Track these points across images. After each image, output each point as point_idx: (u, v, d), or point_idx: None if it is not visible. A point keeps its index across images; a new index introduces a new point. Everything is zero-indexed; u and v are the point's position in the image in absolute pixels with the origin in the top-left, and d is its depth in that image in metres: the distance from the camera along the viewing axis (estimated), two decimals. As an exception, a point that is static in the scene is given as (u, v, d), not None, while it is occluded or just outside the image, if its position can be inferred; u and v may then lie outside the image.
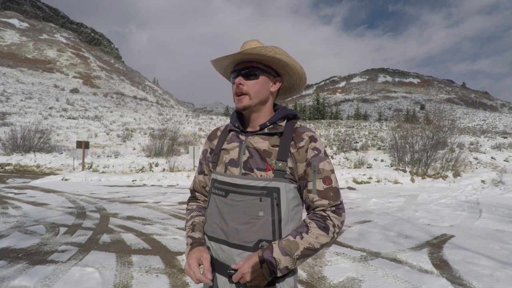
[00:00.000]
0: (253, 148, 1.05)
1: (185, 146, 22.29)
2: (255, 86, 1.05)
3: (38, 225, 4.96)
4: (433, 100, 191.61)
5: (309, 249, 0.96)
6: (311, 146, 1.03)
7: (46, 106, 38.55)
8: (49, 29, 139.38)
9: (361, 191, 9.73)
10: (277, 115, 1.09)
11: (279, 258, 0.93)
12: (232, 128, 1.13)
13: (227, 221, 1.02)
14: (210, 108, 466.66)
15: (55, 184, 10.51)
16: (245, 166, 1.03)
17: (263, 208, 0.98)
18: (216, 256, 1.06)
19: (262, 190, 0.99)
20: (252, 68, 1.05)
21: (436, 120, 13.71)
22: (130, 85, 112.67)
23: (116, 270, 3.22)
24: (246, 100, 1.05)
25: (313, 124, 44.30)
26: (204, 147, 1.25)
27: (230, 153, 1.08)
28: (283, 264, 0.93)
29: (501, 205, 7.08)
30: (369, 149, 22.75)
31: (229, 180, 1.04)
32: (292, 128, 1.07)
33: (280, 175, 0.99)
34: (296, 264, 0.96)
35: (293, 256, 0.94)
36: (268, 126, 1.07)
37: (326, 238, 0.98)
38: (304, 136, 1.05)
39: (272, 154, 1.03)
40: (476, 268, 3.35)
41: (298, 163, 1.03)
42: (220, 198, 1.05)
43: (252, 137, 1.08)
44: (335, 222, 0.99)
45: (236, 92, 1.06)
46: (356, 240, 4.44)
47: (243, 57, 1.05)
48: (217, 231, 1.05)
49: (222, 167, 1.09)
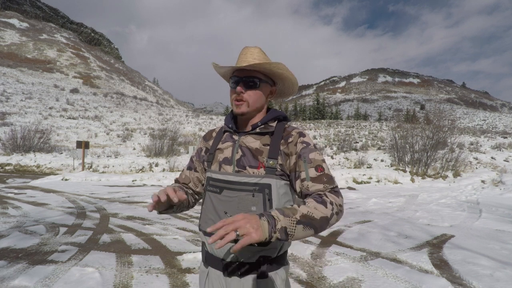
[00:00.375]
0: (245, 147, 1.11)
1: (185, 146, 22.30)
2: (254, 95, 1.11)
3: (38, 225, 4.96)
4: (433, 100, 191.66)
5: (307, 216, 0.89)
6: (300, 140, 1.09)
7: (46, 106, 38.56)
8: (49, 29, 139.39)
9: (361, 191, 9.73)
10: (268, 116, 1.16)
11: (278, 216, 0.86)
12: (226, 129, 1.20)
13: (221, 216, 1.06)
14: (210, 108, 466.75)
15: (55, 184, 10.51)
16: (238, 164, 1.09)
17: (256, 203, 1.03)
18: (211, 251, 1.10)
19: (255, 186, 1.04)
20: (254, 78, 1.10)
21: (436, 120, 13.71)
22: (130, 85, 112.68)
23: (116, 270, 3.22)
24: (244, 107, 1.11)
25: (313, 124, 44.30)
26: (199, 146, 1.30)
27: (224, 152, 1.15)
28: (282, 223, 0.85)
29: (501, 205, 7.08)
30: (369, 149, 22.74)
31: (223, 178, 1.10)
32: (282, 128, 1.14)
33: (271, 172, 1.05)
34: (295, 230, 0.87)
35: (292, 218, 0.87)
36: (259, 126, 1.13)
37: (325, 210, 0.92)
38: (292, 132, 1.11)
39: (263, 152, 1.08)
40: (476, 268, 3.35)
41: (289, 157, 1.08)
42: (215, 195, 1.11)
43: (245, 136, 1.14)
44: (332, 200, 0.96)
45: (236, 98, 1.12)
46: (356, 240, 4.44)
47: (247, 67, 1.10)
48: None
49: (216, 166, 1.14)
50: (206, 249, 1.14)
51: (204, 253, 1.16)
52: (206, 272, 1.14)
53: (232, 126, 1.18)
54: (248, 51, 1.13)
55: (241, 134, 1.15)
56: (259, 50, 1.14)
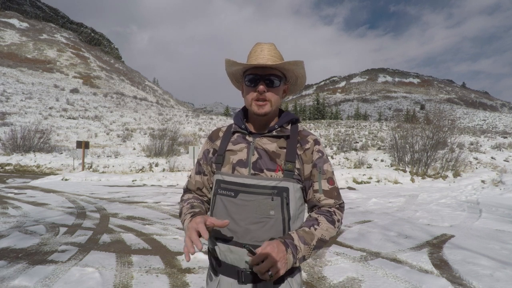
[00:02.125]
0: (262, 149, 1.08)
1: (185, 146, 22.30)
2: (277, 94, 1.09)
3: (38, 225, 4.96)
4: (433, 100, 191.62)
5: (321, 240, 1.00)
6: (316, 149, 1.10)
7: (46, 106, 38.54)
8: (49, 29, 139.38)
9: (361, 191, 9.73)
10: (284, 119, 1.14)
11: (300, 246, 0.95)
12: (238, 129, 1.15)
13: (237, 221, 1.02)
14: (210, 108, 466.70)
15: (55, 184, 10.50)
16: (254, 167, 1.05)
17: (274, 207, 1.00)
18: (223, 258, 1.05)
19: (273, 190, 1.01)
20: (276, 76, 1.07)
21: (436, 120, 13.71)
22: (130, 85, 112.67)
23: (116, 270, 3.22)
24: (267, 107, 1.07)
25: (313, 124, 44.29)
26: (205, 147, 1.23)
27: (237, 154, 1.09)
28: (302, 253, 0.95)
29: (501, 205, 7.08)
30: (369, 149, 22.74)
31: (239, 180, 1.05)
32: (297, 131, 1.13)
33: (289, 176, 1.03)
34: (311, 255, 0.98)
35: (310, 245, 0.97)
36: (276, 129, 1.11)
37: (333, 231, 1.04)
38: (308, 139, 1.12)
39: (280, 155, 1.07)
40: (476, 268, 3.35)
41: (304, 164, 1.08)
42: (229, 199, 1.05)
43: (260, 138, 1.10)
44: (339, 218, 1.07)
45: (258, 98, 1.07)
46: (356, 240, 4.44)
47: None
48: (225, 232, 1.04)
49: (229, 168, 1.09)
50: (216, 256, 1.07)
51: (214, 260, 1.09)
52: (217, 280, 1.06)
53: (245, 127, 1.13)
54: (265, 47, 1.08)
55: (255, 136, 1.11)
56: (275, 47, 1.10)
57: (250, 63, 1.04)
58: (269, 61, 1.04)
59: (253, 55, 1.08)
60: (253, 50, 1.09)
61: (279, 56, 1.08)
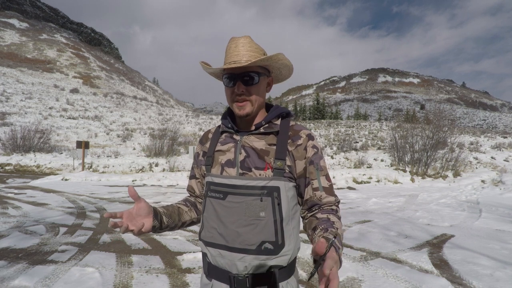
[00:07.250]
0: (249, 147, 1.03)
1: (185, 146, 22.30)
2: (256, 92, 1.03)
3: (38, 225, 4.96)
4: (433, 100, 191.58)
5: (341, 240, 0.92)
6: (310, 144, 1.04)
7: (46, 106, 38.55)
8: (49, 29, 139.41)
9: (361, 191, 9.73)
10: (272, 114, 1.07)
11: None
12: (225, 129, 1.10)
13: (226, 224, 0.97)
14: (210, 108, 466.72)
15: (55, 184, 10.51)
16: (242, 166, 1.00)
17: (264, 208, 0.95)
18: (214, 263, 1.01)
19: (262, 190, 0.96)
20: (251, 73, 1.00)
21: (436, 120, 13.70)
22: (130, 85, 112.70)
23: (116, 270, 3.22)
24: (248, 107, 1.02)
25: (313, 124, 44.29)
26: (196, 150, 1.21)
27: (226, 154, 1.05)
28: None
29: (501, 205, 7.08)
30: (369, 149, 22.74)
31: (227, 182, 1.00)
32: (288, 126, 1.06)
33: (280, 174, 0.98)
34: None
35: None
36: (263, 125, 1.05)
37: (341, 229, 1.01)
38: (301, 134, 1.05)
39: (270, 152, 1.01)
40: (476, 268, 3.35)
41: (296, 161, 1.02)
42: (218, 201, 1.01)
43: (248, 136, 1.05)
44: (341, 215, 1.05)
45: (237, 99, 1.02)
46: (356, 240, 4.44)
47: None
48: (215, 236, 1.00)
49: (218, 168, 1.05)
50: (208, 260, 1.03)
51: (207, 264, 1.04)
52: (210, 285, 1.02)
53: (231, 126, 1.08)
54: (239, 42, 1.01)
55: (243, 134, 1.06)
56: (250, 40, 1.03)
57: (222, 67, 1.01)
58: (245, 58, 0.99)
59: (228, 52, 1.02)
60: (228, 47, 1.03)
61: (256, 50, 1.02)
